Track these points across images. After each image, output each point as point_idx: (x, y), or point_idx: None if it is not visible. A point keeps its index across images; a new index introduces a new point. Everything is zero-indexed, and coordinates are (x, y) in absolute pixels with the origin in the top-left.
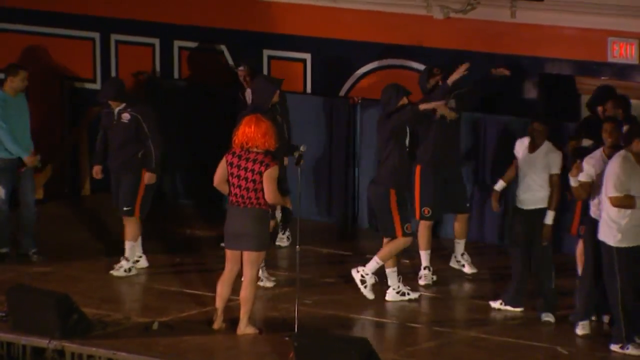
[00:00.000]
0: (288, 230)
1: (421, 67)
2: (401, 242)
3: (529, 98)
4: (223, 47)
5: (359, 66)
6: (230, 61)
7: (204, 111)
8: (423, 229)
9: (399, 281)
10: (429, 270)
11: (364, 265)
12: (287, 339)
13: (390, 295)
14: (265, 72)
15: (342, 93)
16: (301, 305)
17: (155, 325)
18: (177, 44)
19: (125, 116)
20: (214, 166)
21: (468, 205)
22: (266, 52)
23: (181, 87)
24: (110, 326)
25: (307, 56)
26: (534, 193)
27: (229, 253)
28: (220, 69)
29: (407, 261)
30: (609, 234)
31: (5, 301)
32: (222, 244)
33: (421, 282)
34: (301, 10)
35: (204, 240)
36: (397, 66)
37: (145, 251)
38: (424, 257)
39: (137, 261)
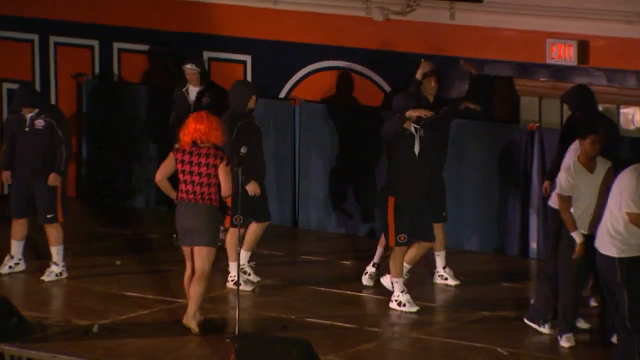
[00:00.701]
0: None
1: (362, 69)
2: (396, 252)
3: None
4: (163, 49)
5: (299, 68)
6: (170, 63)
7: (144, 112)
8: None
9: (403, 292)
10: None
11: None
12: (228, 340)
13: (392, 304)
14: (206, 73)
15: (282, 95)
16: (242, 307)
17: (95, 328)
18: (117, 45)
19: (40, 122)
20: (153, 167)
21: (444, 214)
22: (206, 54)
23: (121, 88)
24: (50, 329)
25: (248, 58)
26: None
27: (186, 250)
28: (160, 70)
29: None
30: (612, 246)
31: None
32: (177, 243)
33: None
34: (241, 12)
35: (145, 243)
36: (338, 67)
37: (85, 254)
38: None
39: (17, 264)
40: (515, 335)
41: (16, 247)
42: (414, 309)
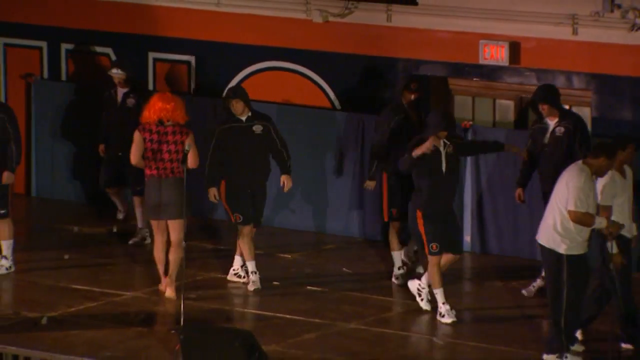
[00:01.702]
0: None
1: (302, 69)
2: (431, 261)
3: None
4: (109, 50)
5: (241, 68)
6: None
7: (91, 112)
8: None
9: (444, 303)
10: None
11: (420, 279)
12: (173, 332)
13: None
14: (150, 73)
15: (225, 95)
16: (186, 299)
17: (44, 320)
18: (64, 46)
19: None
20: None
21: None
22: (152, 55)
23: (69, 88)
24: (1, 322)
25: (192, 58)
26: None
27: (155, 223)
28: (106, 71)
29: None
30: (560, 242)
31: None
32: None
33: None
34: (185, 14)
35: (91, 237)
36: (279, 68)
37: (33, 248)
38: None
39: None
40: (445, 327)
41: None
42: (450, 320)
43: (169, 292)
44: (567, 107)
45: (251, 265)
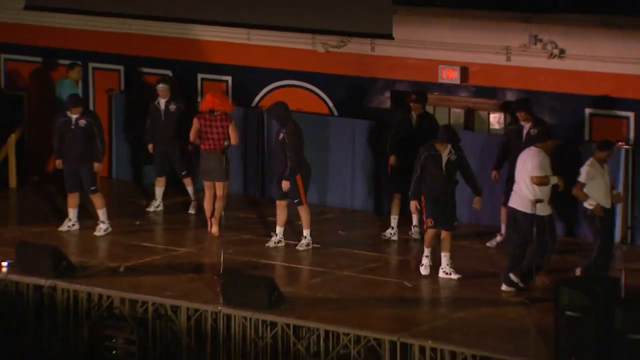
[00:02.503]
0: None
1: (309, 86)
2: (428, 233)
3: (384, 107)
4: (169, 72)
5: (265, 85)
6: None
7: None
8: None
9: (448, 264)
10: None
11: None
12: (215, 277)
13: (440, 273)
14: (198, 89)
15: (253, 104)
16: (226, 253)
17: (121, 269)
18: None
19: (82, 122)
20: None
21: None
22: (200, 75)
23: (139, 100)
24: (89, 270)
25: (229, 78)
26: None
27: (206, 183)
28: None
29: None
30: (529, 205)
31: (14, 253)
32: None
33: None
34: (224, 46)
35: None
36: (292, 85)
37: (114, 216)
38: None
39: (74, 224)
40: (418, 271)
41: (72, 213)
42: (457, 276)
43: (214, 230)
44: (502, 113)
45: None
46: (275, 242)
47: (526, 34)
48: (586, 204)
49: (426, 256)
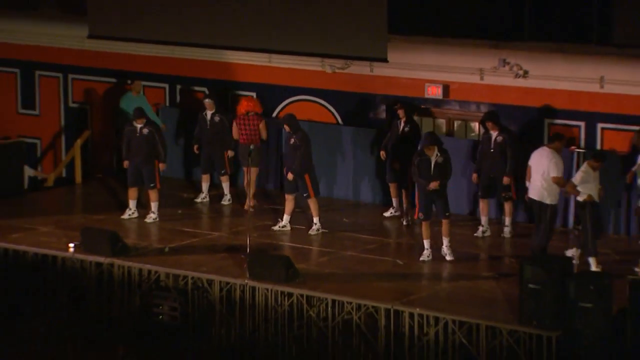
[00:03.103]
0: (229, 194)
1: (320, 100)
2: (422, 224)
3: (380, 118)
4: (205, 89)
5: (283, 99)
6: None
7: (194, 126)
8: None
9: (446, 246)
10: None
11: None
12: (242, 256)
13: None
14: (228, 102)
15: (273, 115)
16: (251, 237)
17: (166, 249)
18: (178, 87)
19: (145, 130)
20: None
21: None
22: (230, 92)
23: (181, 112)
24: (140, 250)
25: (254, 94)
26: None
27: (244, 168)
28: (202, 101)
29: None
30: (545, 196)
31: (79, 236)
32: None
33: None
34: (250, 67)
35: (191, 200)
36: (306, 100)
37: (161, 206)
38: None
39: (133, 213)
40: (409, 251)
41: (132, 203)
42: (449, 258)
43: (246, 205)
44: (477, 123)
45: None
46: (280, 227)
47: (496, 57)
48: (579, 198)
49: (426, 248)
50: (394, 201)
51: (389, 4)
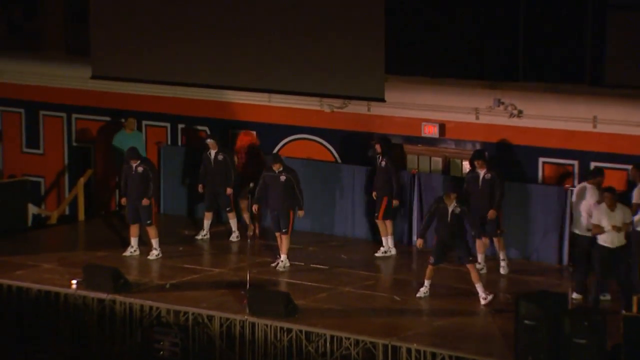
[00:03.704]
0: (237, 231)
1: (318, 139)
2: (429, 266)
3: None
4: (206, 128)
5: (283, 138)
6: (211, 137)
7: (197, 164)
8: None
9: (482, 291)
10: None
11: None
12: (242, 292)
13: (481, 301)
14: (230, 141)
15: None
16: (251, 273)
17: (168, 285)
18: (180, 125)
19: (140, 169)
20: None
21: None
22: (231, 131)
23: (183, 150)
24: (142, 286)
25: (254, 133)
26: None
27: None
28: (204, 140)
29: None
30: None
31: (82, 273)
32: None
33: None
34: (251, 107)
35: (192, 237)
36: (305, 138)
37: (162, 243)
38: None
39: (135, 250)
40: (406, 287)
41: (133, 241)
42: (489, 297)
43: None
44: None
45: None
46: (284, 266)
47: (491, 97)
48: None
49: (425, 286)
50: (384, 240)
51: (386, 44)
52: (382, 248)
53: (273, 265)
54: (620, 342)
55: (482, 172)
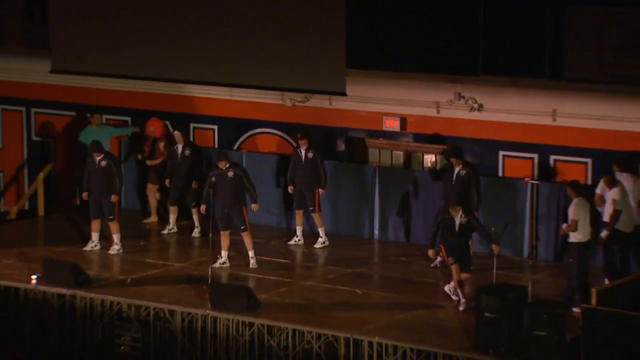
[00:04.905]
0: (200, 226)
1: (280, 133)
2: (452, 269)
3: (339, 150)
4: (168, 122)
5: (244, 132)
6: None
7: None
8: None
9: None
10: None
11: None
12: (204, 287)
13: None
14: (190, 136)
15: (235, 147)
16: (212, 268)
17: (128, 280)
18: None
19: (103, 163)
20: None
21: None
22: (192, 125)
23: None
24: (103, 281)
25: (215, 127)
26: None
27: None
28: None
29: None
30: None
31: (41, 267)
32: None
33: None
34: (212, 101)
35: (155, 231)
36: (266, 132)
37: (124, 238)
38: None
39: (96, 245)
40: (367, 281)
41: (94, 235)
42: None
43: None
44: (433, 155)
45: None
46: (220, 264)
47: (452, 91)
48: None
49: (459, 293)
50: (298, 229)
51: (347, 38)
52: (320, 239)
53: (214, 265)
54: (580, 334)
55: (457, 169)
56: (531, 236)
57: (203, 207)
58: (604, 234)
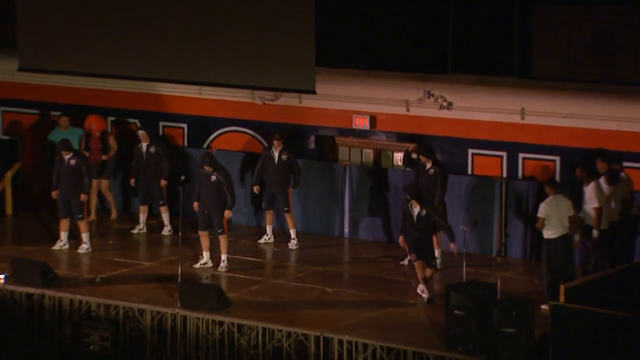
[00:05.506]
0: (169, 225)
1: (250, 131)
2: (416, 264)
3: (309, 149)
4: (137, 120)
5: (214, 131)
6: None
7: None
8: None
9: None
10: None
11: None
12: (174, 286)
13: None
14: (161, 134)
15: (204, 146)
16: (183, 266)
17: (97, 279)
18: (110, 119)
19: (72, 162)
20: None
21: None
22: (161, 123)
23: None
24: (71, 280)
25: (185, 125)
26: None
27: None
28: (136, 132)
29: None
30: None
31: (9, 267)
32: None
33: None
34: (181, 99)
35: (125, 230)
36: (236, 130)
37: (93, 237)
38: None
39: (64, 244)
40: (337, 279)
41: (63, 235)
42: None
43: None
44: (402, 153)
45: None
46: (201, 264)
47: (421, 90)
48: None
49: (422, 285)
50: (268, 228)
51: (316, 37)
52: (293, 240)
53: (195, 266)
54: (548, 331)
55: (427, 166)
56: (500, 234)
57: (196, 205)
58: (594, 233)
